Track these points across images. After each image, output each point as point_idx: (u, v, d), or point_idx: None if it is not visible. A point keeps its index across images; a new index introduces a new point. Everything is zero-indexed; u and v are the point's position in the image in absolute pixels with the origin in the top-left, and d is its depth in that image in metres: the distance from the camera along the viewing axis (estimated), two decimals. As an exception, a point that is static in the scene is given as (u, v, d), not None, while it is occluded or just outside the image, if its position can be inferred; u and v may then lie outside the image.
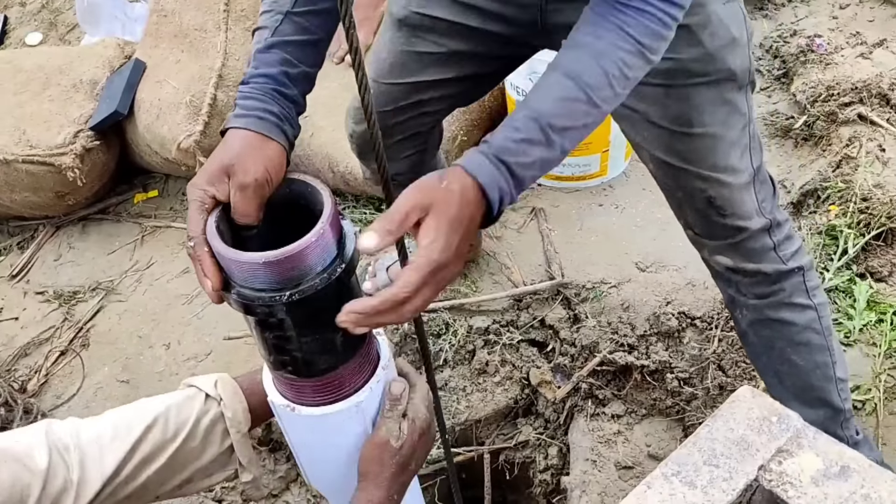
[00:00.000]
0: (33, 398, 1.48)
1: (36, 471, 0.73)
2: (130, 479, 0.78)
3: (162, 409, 0.81)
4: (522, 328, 1.61)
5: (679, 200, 1.07)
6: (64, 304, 1.71)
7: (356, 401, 0.72)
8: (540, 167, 0.73)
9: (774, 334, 1.10)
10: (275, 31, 0.75)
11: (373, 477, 0.74)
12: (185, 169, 1.86)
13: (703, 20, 0.93)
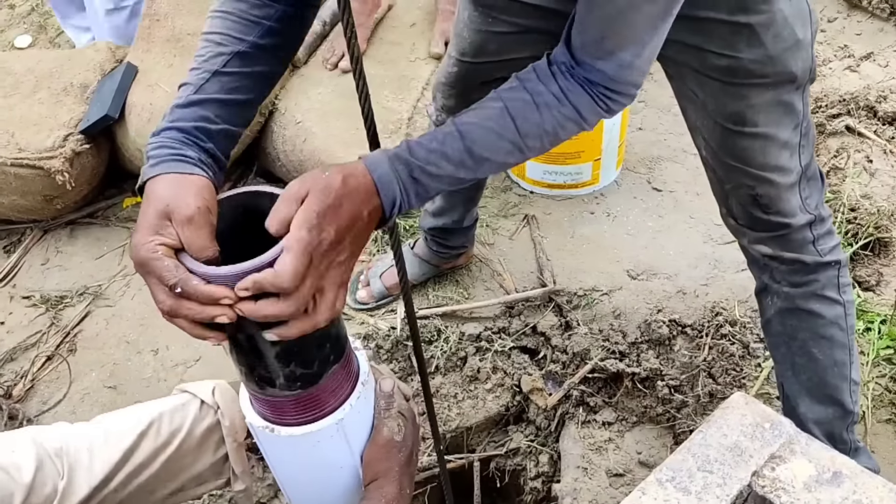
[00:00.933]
0: (19, 404, 1.46)
1: (21, 481, 0.71)
2: (121, 487, 0.77)
3: (155, 415, 0.79)
4: (514, 335, 1.61)
5: (725, 192, 1.08)
6: (51, 308, 1.69)
7: (337, 418, 0.71)
8: (448, 183, 0.73)
9: (800, 324, 1.12)
10: (199, 89, 0.71)
11: (383, 475, 0.74)
12: (176, 173, 1.85)
13: (768, 20, 0.91)
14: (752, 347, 1.43)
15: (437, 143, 0.71)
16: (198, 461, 0.81)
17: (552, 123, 0.74)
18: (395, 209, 0.70)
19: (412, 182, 0.70)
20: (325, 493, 0.78)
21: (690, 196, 1.83)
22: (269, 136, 1.98)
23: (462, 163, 0.72)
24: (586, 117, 0.75)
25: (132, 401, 1.48)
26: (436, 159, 0.71)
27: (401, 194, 0.69)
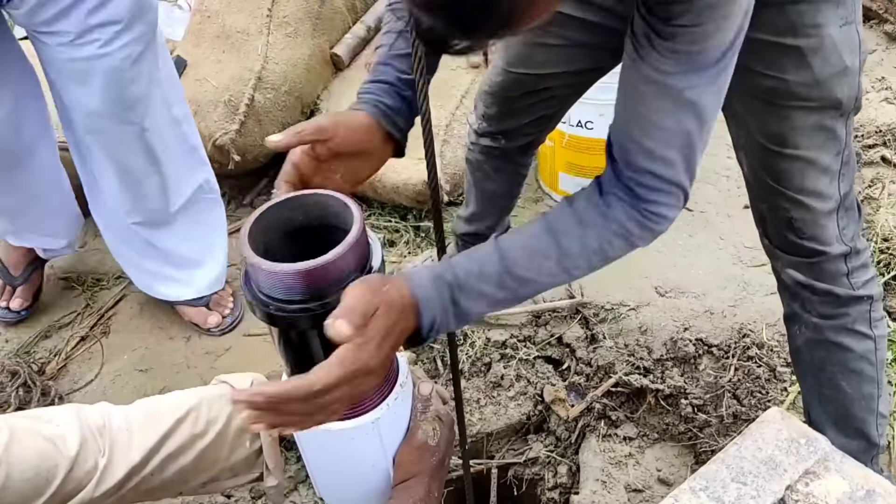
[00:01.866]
0: (51, 381, 1.49)
1: (65, 454, 0.73)
2: (157, 471, 0.78)
3: (194, 402, 0.81)
4: (539, 344, 1.62)
5: (761, 211, 1.08)
6: (87, 290, 1.74)
7: (373, 417, 0.72)
8: (488, 305, 0.73)
9: (829, 357, 1.11)
10: (390, 47, 0.82)
11: (414, 477, 0.75)
12: (217, 166, 1.89)
13: (817, 44, 0.91)
14: (778, 371, 1.43)
15: (476, 265, 0.72)
16: (233, 453, 0.82)
17: (598, 241, 0.73)
18: (432, 332, 0.70)
19: (452, 305, 0.70)
20: (355, 488, 0.79)
21: (721, 217, 1.83)
22: (307, 136, 2.02)
23: (502, 284, 0.72)
24: (634, 232, 0.74)
25: (162, 385, 1.52)
26: (473, 280, 0.71)
27: (440, 317, 0.70)
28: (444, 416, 0.79)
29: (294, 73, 1.94)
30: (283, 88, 1.91)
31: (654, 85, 0.71)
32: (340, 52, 2.08)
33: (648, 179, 0.73)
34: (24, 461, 0.71)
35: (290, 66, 1.94)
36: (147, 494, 0.79)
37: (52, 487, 0.72)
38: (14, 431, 0.72)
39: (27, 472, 0.71)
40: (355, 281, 0.64)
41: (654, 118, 0.72)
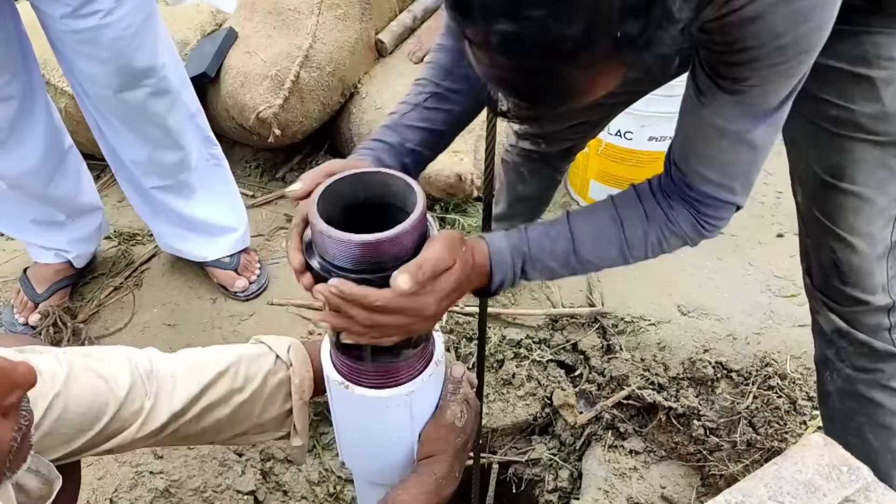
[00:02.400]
0: (83, 324, 1.54)
1: (116, 394, 0.77)
2: (195, 420, 0.81)
3: (234, 359, 0.84)
4: (554, 348, 1.62)
5: (807, 246, 1.05)
6: (123, 243, 1.78)
7: (408, 390, 0.75)
8: (548, 275, 0.82)
9: (859, 408, 1.08)
10: (402, 116, 0.87)
11: (438, 455, 0.77)
12: (257, 138, 1.92)
13: (890, 76, 0.88)
14: (799, 404, 1.41)
15: (548, 241, 0.80)
16: (265, 411, 0.86)
17: (658, 237, 0.81)
18: (499, 289, 0.79)
19: (521, 272, 0.79)
20: (379, 456, 0.81)
21: (752, 244, 1.81)
22: (346, 117, 2.04)
23: (567, 263, 0.80)
24: (691, 237, 0.82)
25: (187, 341, 1.56)
26: (545, 256, 0.79)
27: (508, 280, 0.79)
28: (473, 400, 0.81)
29: (339, 55, 1.96)
30: (328, 69, 1.93)
31: (714, 128, 0.75)
32: (385, 38, 2.10)
33: (708, 199, 0.79)
34: (79, 396, 0.74)
35: (336, 48, 1.96)
36: (182, 440, 0.82)
37: (101, 424, 0.75)
38: (72, 367, 0.75)
39: (81, 406, 0.74)
40: (439, 233, 0.69)
41: (713, 153, 0.77)
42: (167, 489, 1.34)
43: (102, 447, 0.79)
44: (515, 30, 0.54)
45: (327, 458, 1.51)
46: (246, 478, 1.41)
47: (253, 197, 1.98)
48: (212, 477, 1.39)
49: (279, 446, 1.47)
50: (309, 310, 1.63)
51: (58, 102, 1.94)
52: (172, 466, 1.36)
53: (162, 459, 1.36)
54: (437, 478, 0.76)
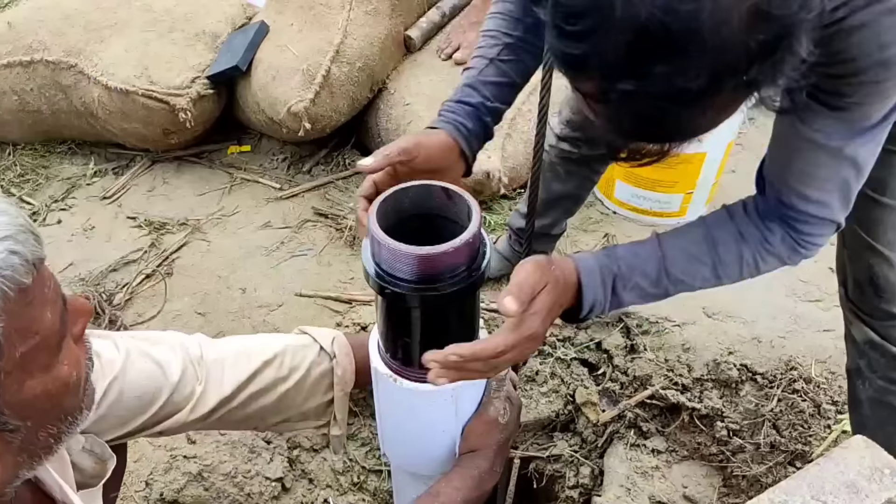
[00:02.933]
0: (119, 311, 1.57)
1: (170, 379, 0.79)
2: (241, 406, 0.84)
3: (281, 348, 0.87)
4: (578, 346, 1.63)
5: (843, 258, 1.05)
6: (153, 232, 1.81)
7: (454, 385, 0.76)
8: (640, 298, 0.80)
9: (891, 419, 1.08)
10: (480, 72, 0.87)
11: (480, 450, 0.79)
12: (286, 131, 1.94)
13: None
14: (824, 408, 1.41)
15: (639, 260, 0.78)
16: (307, 401, 0.88)
17: (754, 257, 0.79)
18: (590, 313, 0.78)
19: (612, 294, 0.77)
20: (421, 449, 0.83)
21: (778, 248, 1.81)
22: (373, 112, 2.06)
23: (658, 282, 0.78)
24: (788, 255, 0.80)
25: (217, 330, 1.59)
26: (636, 276, 0.78)
27: (599, 304, 0.78)
28: (515, 399, 0.83)
29: (370, 51, 1.98)
30: (358, 64, 1.95)
31: (813, 143, 0.73)
32: (414, 35, 2.11)
33: (805, 217, 0.77)
34: (135, 381, 0.77)
35: (366, 43, 1.97)
36: (228, 425, 0.85)
37: (155, 407, 0.78)
38: (129, 352, 0.78)
39: (137, 390, 0.77)
40: (525, 259, 0.71)
41: (811, 170, 0.75)
42: (200, 473, 1.37)
43: (154, 429, 0.82)
44: (638, 88, 0.53)
45: (352, 449, 1.54)
46: (274, 465, 1.44)
47: (280, 189, 2.00)
48: (241, 463, 1.42)
49: (306, 436, 1.49)
50: (336, 301, 1.65)
51: (91, 92, 1.98)
52: (205, 451, 1.39)
53: (195, 444, 1.39)
54: (480, 472, 0.78)
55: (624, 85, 0.53)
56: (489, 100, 0.85)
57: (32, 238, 0.56)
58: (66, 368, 0.58)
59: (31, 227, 0.57)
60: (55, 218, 1.94)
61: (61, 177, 2.09)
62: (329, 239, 1.83)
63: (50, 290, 0.57)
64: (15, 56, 2.04)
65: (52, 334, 0.56)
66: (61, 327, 0.58)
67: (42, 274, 0.56)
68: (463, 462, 0.80)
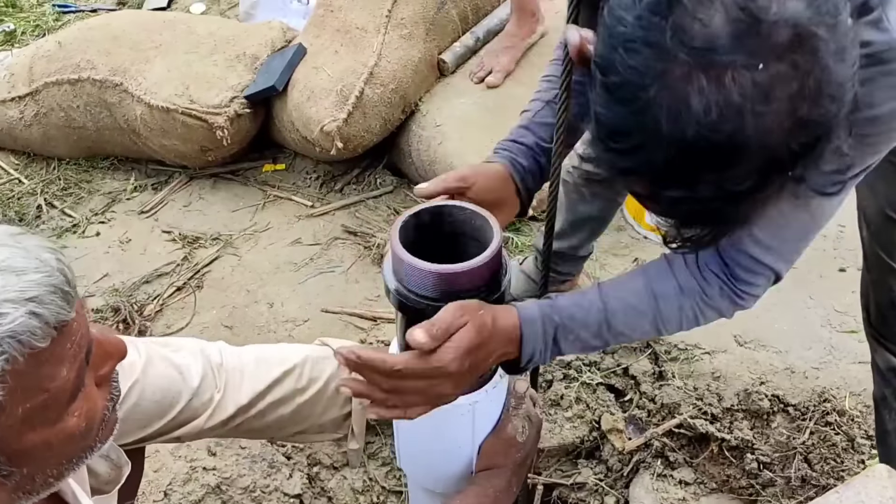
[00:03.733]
0: (149, 322, 1.61)
1: (189, 384, 0.80)
2: (259, 415, 0.84)
3: (300, 359, 0.87)
4: (604, 371, 1.61)
5: (867, 283, 1.03)
6: (186, 246, 1.86)
7: (471, 400, 0.76)
8: (581, 349, 0.81)
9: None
10: (535, 114, 0.89)
11: (497, 468, 0.78)
12: (319, 150, 1.99)
13: None
14: (857, 442, 1.36)
15: (580, 311, 0.77)
16: (325, 413, 0.88)
17: (693, 310, 0.79)
18: (529, 363, 0.77)
19: (553, 344, 0.77)
20: (437, 465, 0.83)
21: (813, 277, 1.76)
22: (405, 134, 2.09)
23: (599, 334, 0.78)
24: (726, 308, 0.80)
25: (244, 342, 1.59)
26: (576, 327, 0.77)
27: (539, 354, 0.76)
28: (535, 418, 0.82)
29: (403, 73, 2.02)
30: (391, 86, 1.98)
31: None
32: (447, 58, 2.15)
33: (747, 261, 0.76)
34: (155, 385, 0.78)
35: (400, 66, 2.01)
36: (246, 433, 0.85)
37: (174, 412, 0.79)
38: (150, 356, 0.79)
39: (156, 393, 0.78)
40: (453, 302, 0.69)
41: (771, 213, 0.73)
42: (219, 486, 1.38)
43: (171, 435, 0.82)
44: (688, 195, 0.55)
45: (372, 468, 1.53)
46: (293, 481, 1.44)
47: (311, 207, 2.04)
48: (261, 477, 1.42)
49: (326, 452, 1.49)
50: (361, 318, 1.66)
51: (134, 110, 2.06)
52: (225, 464, 1.40)
53: (215, 457, 1.41)
54: (496, 491, 0.77)
55: (673, 192, 0.56)
56: (544, 140, 0.85)
57: (60, 299, 0.53)
58: (75, 420, 0.56)
59: (62, 286, 0.54)
60: (94, 230, 2.01)
61: (102, 191, 2.16)
62: (357, 256, 1.84)
63: (73, 346, 0.55)
64: (64, 74, 2.13)
65: (64, 390, 0.55)
66: (77, 381, 0.56)
67: (66, 331, 0.54)
68: (479, 480, 0.78)
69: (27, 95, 2.19)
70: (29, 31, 2.78)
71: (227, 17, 2.83)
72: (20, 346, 0.51)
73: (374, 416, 0.71)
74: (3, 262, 0.52)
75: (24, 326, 0.50)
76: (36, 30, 2.78)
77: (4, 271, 0.51)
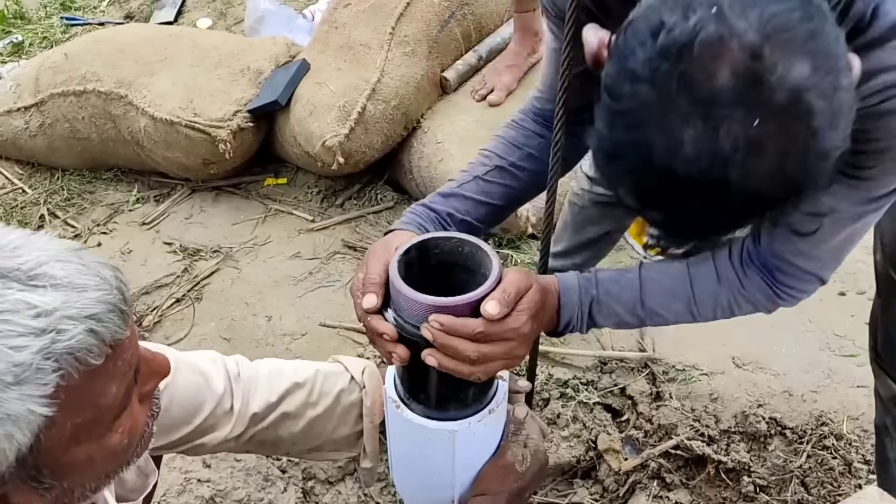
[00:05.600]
0: (147, 333, 1.61)
1: (214, 391, 0.80)
2: (271, 427, 0.84)
3: (311, 373, 0.87)
4: (601, 391, 1.60)
5: (877, 308, 1.03)
6: (187, 258, 1.87)
7: (450, 428, 0.75)
8: (616, 324, 0.82)
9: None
10: (459, 186, 0.88)
11: (491, 495, 0.77)
12: (321, 165, 2.00)
13: None
14: (855, 467, 1.35)
15: (617, 287, 0.80)
16: (337, 429, 0.87)
17: (728, 300, 0.80)
18: (566, 330, 0.80)
19: (588, 316, 0.80)
20: (421, 484, 0.82)
21: (813, 301, 1.71)
22: (406, 150, 2.10)
23: (633, 311, 0.80)
24: (765, 304, 0.81)
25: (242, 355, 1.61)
26: (612, 301, 0.80)
27: (576, 320, 0.80)
28: (541, 450, 0.80)
29: (405, 90, 2.03)
30: (393, 102, 2.00)
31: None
32: (450, 76, 2.16)
33: (792, 270, 0.78)
34: (183, 389, 0.78)
35: (402, 83, 2.03)
36: (259, 447, 0.85)
37: (199, 419, 0.79)
38: (178, 362, 0.79)
39: (184, 398, 0.78)
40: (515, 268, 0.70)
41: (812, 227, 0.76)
42: (212, 498, 1.37)
43: (194, 443, 0.81)
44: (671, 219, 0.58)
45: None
46: (287, 495, 1.43)
47: (312, 221, 2.05)
48: (255, 490, 1.42)
49: (321, 467, 1.48)
50: (359, 333, 1.66)
51: (138, 122, 2.08)
52: (219, 476, 1.39)
53: (210, 469, 1.40)
54: None
55: (657, 215, 0.59)
56: (458, 212, 0.85)
57: (117, 317, 0.53)
58: (118, 437, 0.57)
59: (119, 304, 0.54)
60: (95, 241, 2.02)
61: (105, 202, 2.18)
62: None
63: (124, 363, 0.55)
64: (69, 86, 2.16)
65: (112, 407, 0.55)
66: (125, 399, 0.57)
67: (119, 349, 0.54)
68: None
69: (33, 106, 2.21)
70: (37, 42, 2.81)
71: (233, 32, 2.87)
72: (76, 363, 0.51)
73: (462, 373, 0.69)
74: (65, 279, 0.52)
75: (81, 343, 0.51)
76: (44, 42, 2.81)
77: (66, 287, 0.51)
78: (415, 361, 0.71)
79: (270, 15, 2.56)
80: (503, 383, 0.79)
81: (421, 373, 0.72)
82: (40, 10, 3.03)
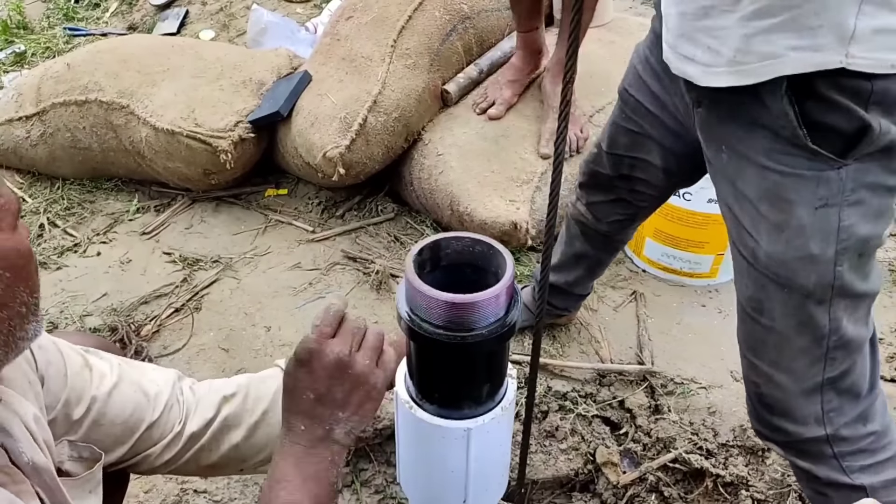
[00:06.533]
0: (145, 342, 1.61)
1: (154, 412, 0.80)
2: (213, 444, 0.82)
3: (244, 381, 0.86)
4: (600, 404, 1.60)
5: (741, 366, 1.00)
6: (186, 268, 1.87)
7: (465, 426, 0.75)
8: None
9: None
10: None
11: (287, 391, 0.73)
12: (322, 176, 2.01)
13: (783, 220, 0.83)
14: (854, 482, 1.35)
15: None
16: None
17: None
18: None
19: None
20: (432, 485, 0.82)
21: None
22: (407, 162, 2.11)
23: None
24: None
25: (240, 365, 1.61)
26: None
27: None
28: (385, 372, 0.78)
29: (406, 102, 2.05)
30: (394, 115, 2.02)
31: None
32: (451, 89, 2.18)
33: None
34: (120, 407, 0.78)
35: (403, 95, 2.05)
36: (209, 470, 0.83)
37: (133, 439, 0.78)
38: (121, 379, 0.79)
39: (120, 416, 0.78)
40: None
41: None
42: (210, 510, 1.37)
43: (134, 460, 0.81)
44: None
45: (365, 495, 1.51)
46: (285, 507, 1.42)
47: (312, 232, 2.05)
48: (252, 501, 1.41)
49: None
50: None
51: (139, 132, 2.09)
52: (216, 487, 1.39)
53: (207, 480, 1.39)
54: None
55: None
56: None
57: None
58: (25, 240, 0.58)
59: None
60: (95, 250, 2.02)
61: (105, 212, 2.18)
62: (356, 282, 1.85)
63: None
64: (71, 95, 2.17)
65: (11, 202, 0.57)
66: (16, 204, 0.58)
67: None
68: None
69: (34, 115, 2.22)
70: (39, 52, 2.83)
71: (236, 44, 2.89)
72: None
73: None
74: None
75: None
76: (46, 52, 2.83)
77: None
78: (429, 360, 0.72)
79: (273, 27, 2.58)
80: (512, 381, 0.80)
81: (435, 371, 0.73)
82: (43, 21, 3.05)
